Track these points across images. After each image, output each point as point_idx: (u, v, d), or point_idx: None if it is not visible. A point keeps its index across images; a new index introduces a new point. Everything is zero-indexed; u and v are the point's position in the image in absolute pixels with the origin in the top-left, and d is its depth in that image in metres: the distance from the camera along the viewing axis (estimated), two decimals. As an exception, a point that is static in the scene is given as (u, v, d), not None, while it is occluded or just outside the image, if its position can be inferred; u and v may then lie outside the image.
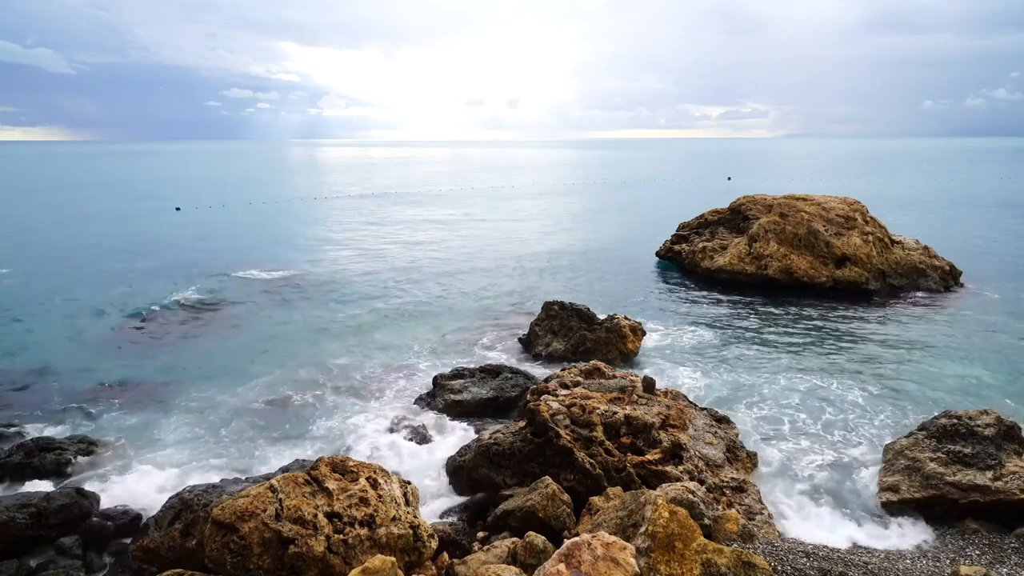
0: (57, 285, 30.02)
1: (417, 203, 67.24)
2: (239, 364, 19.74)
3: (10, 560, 10.27)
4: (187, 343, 21.75)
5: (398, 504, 9.06)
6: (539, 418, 12.10)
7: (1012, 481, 10.95)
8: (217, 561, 8.16)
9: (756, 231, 29.67)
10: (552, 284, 30.04)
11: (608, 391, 13.95)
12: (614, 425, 12.29)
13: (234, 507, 8.27)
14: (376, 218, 55.18)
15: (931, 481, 11.47)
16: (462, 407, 15.95)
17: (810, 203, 30.39)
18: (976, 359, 19.25)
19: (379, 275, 32.20)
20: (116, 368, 19.41)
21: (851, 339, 21.27)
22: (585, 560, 7.03)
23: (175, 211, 59.68)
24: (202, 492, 10.52)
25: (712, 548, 7.57)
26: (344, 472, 9.29)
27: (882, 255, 28.85)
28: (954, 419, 12.39)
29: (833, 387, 17.35)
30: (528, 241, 42.43)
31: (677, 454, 11.99)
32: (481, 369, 17.59)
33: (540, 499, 10.17)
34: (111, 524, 10.90)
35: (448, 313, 25.34)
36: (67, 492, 11.39)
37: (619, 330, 19.78)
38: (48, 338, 22.27)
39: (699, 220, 34.41)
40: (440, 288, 29.46)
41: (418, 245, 41.10)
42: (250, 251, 38.87)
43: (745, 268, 29.16)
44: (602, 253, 37.78)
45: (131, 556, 9.89)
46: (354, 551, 8.24)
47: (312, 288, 29.48)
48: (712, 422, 13.90)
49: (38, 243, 41.97)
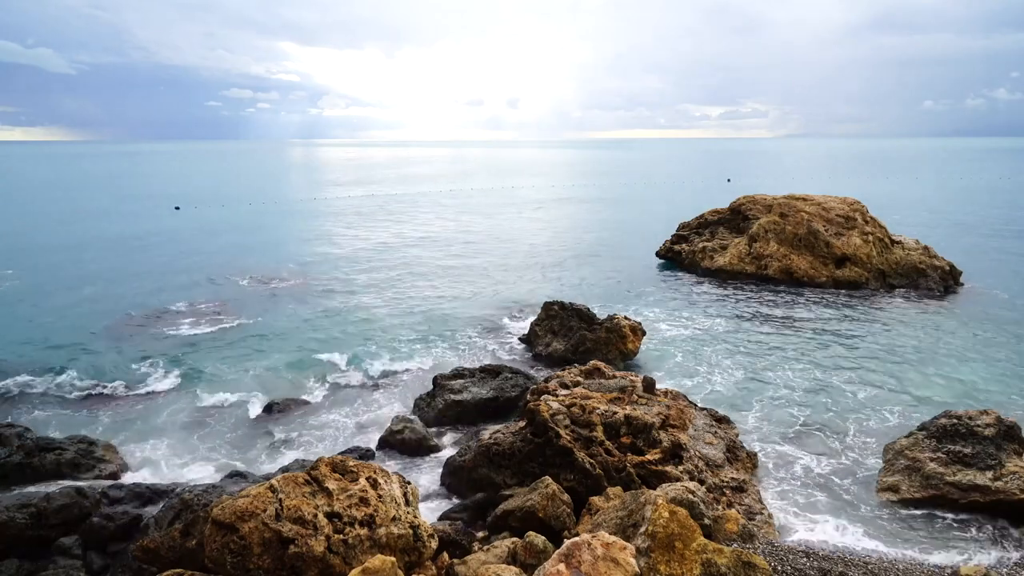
0: (57, 285, 30.02)
1: (417, 203, 67.25)
2: (239, 364, 19.74)
3: (10, 560, 10.26)
4: (187, 343, 21.74)
5: (398, 504, 9.05)
6: (539, 418, 12.10)
7: (1012, 481, 10.95)
8: (217, 561, 8.15)
9: (756, 231, 29.66)
10: (552, 284, 30.04)
11: (608, 391, 13.95)
12: (614, 425, 12.28)
13: (234, 507, 8.27)
14: (376, 218, 55.18)
15: (931, 481, 11.47)
16: (462, 407, 15.94)
17: (810, 203, 30.39)
18: (976, 359, 19.25)
19: (379, 275, 32.20)
20: (116, 368, 19.41)
21: (851, 339, 21.27)
22: (585, 560, 7.03)
23: (174, 211, 59.70)
24: (202, 492, 10.51)
25: (712, 548, 7.57)
26: (344, 472, 9.28)
27: (882, 255, 28.84)
28: (954, 419, 12.38)
29: (833, 387, 17.35)
30: (528, 241, 42.43)
31: (677, 454, 11.99)
32: (481, 369, 17.59)
33: (540, 499, 10.16)
34: (111, 524, 10.88)
35: (448, 313, 25.33)
36: (67, 492, 11.37)
37: (619, 330, 19.78)
38: (48, 338, 22.27)
39: (699, 220, 34.41)
40: (440, 288, 29.46)
41: (418, 245, 41.09)
42: (250, 251, 38.87)
43: (745, 268, 29.16)
44: (602, 253, 37.79)
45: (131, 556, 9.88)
46: (354, 551, 8.23)
47: (312, 288, 29.47)
48: (712, 422, 13.89)
49: (38, 243, 41.96)
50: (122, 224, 50.83)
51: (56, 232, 46.73)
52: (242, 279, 31.02)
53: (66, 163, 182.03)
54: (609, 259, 35.90)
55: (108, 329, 23.38)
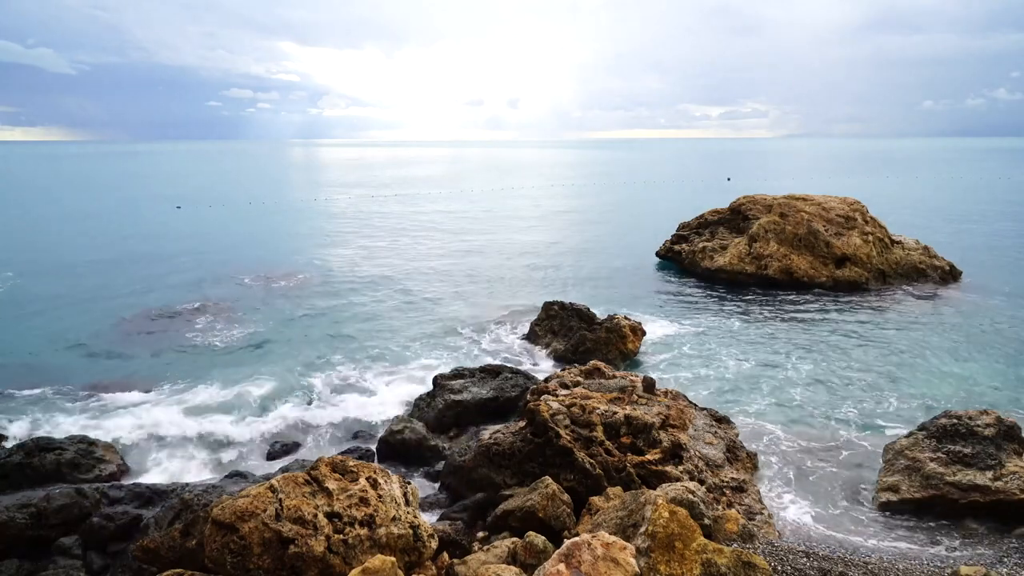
0: (57, 285, 30.02)
1: (417, 203, 67.25)
2: (239, 363, 19.75)
3: (10, 560, 10.26)
4: (187, 342, 21.75)
5: (398, 504, 9.05)
6: (539, 418, 12.09)
7: (1012, 481, 10.94)
8: (217, 561, 8.15)
9: (756, 231, 29.66)
10: (552, 284, 30.04)
11: (608, 391, 13.94)
12: (614, 425, 12.28)
13: (234, 507, 8.27)
14: (376, 218, 55.18)
15: (931, 481, 11.46)
16: (462, 407, 15.94)
17: (810, 203, 30.39)
18: (976, 359, 19.25)
19: (379, 275, 32.20)
20: (116, 367, 19.42)
21: (851, 339, 21.27)
22: (585, 560, 7.03)
23: (176, 210, 59.71)
24: (202, 492, 10.51)
25: (712, 548, 7.56)
26: (344, 472, 9.28)
27: (882, 255, 28.84)
28: (954, 419, 12.38)
29: (833, 387, 17.36)
30: (528, 241, 42.42)
31: (677, 454, 11.99)
32: (481, 369, 17.59)
33: (540, 499, 10.16)
34: (111, 524, 10.88)
35: (448, 313, 25.34)
36: (67, 492, 11.37)
37: (619, 330, 19.78)
38: (48, 338, 22.27)
39: (699, 220, 34.40)
40: (440, 288, 29.46)
41: (418, 245, 41.10)
42: (250, 250, 38.88)
43: (745, 268, 29.15)
44: (602, 253, 37.78)
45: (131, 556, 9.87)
46: (354, 551, 8.23)
47: (311, 287, 29.48)
48: (712, 422, 13.89)
49: (38, 243, 41.96)
50: (123, 224, 50.84)
51: (56, 232, 46.73)
52: (242, 279, 31.03)
53: (66, 163, 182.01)
54: (609, 259, 35.90)
55: (108, 328, 23.38)
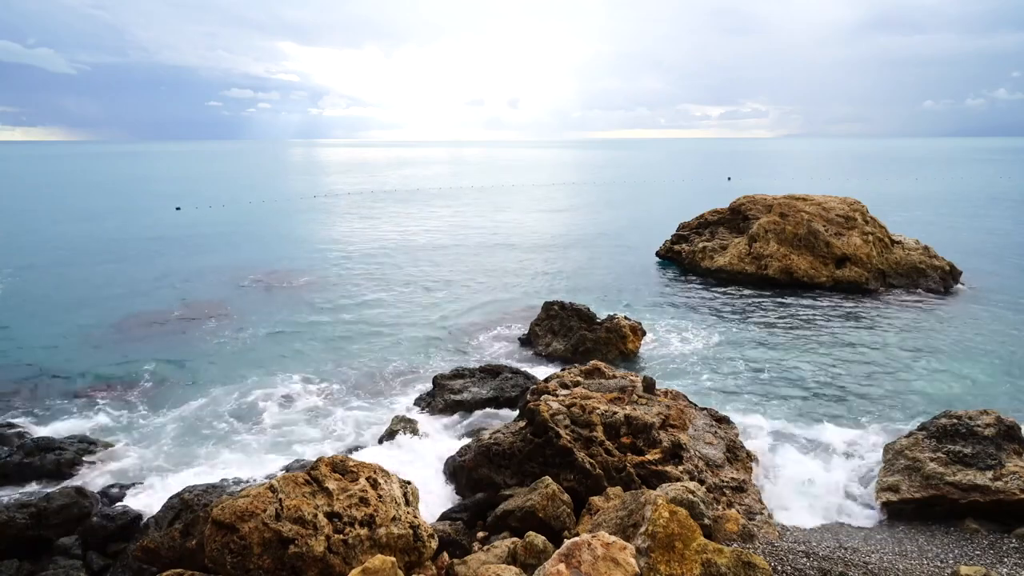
0: (57, 285, 30.02)
1: (417, 203, 67.23)
2: (239, 364, 19.75)
3: (10, 560, 10.26)
4: (187, 342, 21.75)
5: (398, 504, 9.05)
6: (539, 418, 12.09)
7: (1012, 481, 10.94)
8: (217, 561, 8.15)
9: (756, 231, 29.65)
10: (552, 284, 30.04)
11: (608, 391, 13.94)
12: (614, 425, 12.28)
13: (234, 507, 8.27)
14: (375, 218, 55.17)
15: (931, 481, 11.46)
16: (462, 407, 15.94)
17: (810, 203, 30.39)
18: (976, 359, 19.25)
19: (378, 275, 32.20)
20: (116, 368, 19.40)
21: (851, 339, 21.27)
22: (585, 560, 7.03)
23: (175, 211, 59.70)
24: (202, 492, 10.51)
25: (712, 548, 7.56)
26: (344, 472, 9.29)
27: (882, 255, 28.84)
28: (954, 419, 12.37)
29: (833, 387, 17.35)
30: (528, 241, 42.42)
31: (677, 454, 11.99)
32: (481, 369, 17.59)
33: (540, 499, 10.16)
34: (111, 524, 10.89)
35: (448, 313, 25.33)
36: (67, 492, 11.38)
37: (619, 330, 19.78)
38: (48, 338, 22.27)
39: (699, 220, 34.41)
40: (440, 288, 29.46)
41: (418, 245, 41.09)
42: (250, 251, 38.87)
43: (745, 268, 29.15)
44: (602, 253, 37.78)
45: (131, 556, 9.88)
46: (354, 551, 8.23)
47: (311, 287, 29.48)
48: (712, 422, 13.89)
49: (38, 243, 41.95)
50: (122, 224, 50.83)
51: (56, 232, 46.72)
52: (242, 279, 31.03)
53: (66, 163, 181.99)
54: (609, 259, 35.90)
55: (108, 329, 23.38)
